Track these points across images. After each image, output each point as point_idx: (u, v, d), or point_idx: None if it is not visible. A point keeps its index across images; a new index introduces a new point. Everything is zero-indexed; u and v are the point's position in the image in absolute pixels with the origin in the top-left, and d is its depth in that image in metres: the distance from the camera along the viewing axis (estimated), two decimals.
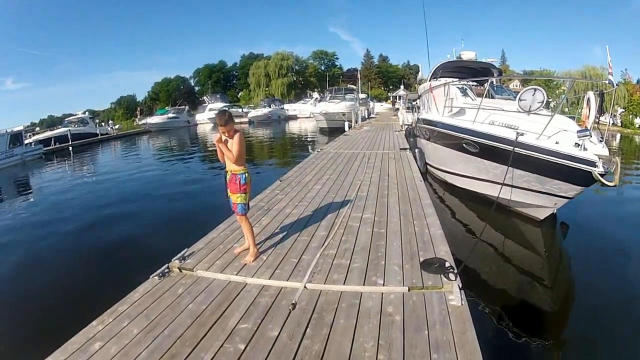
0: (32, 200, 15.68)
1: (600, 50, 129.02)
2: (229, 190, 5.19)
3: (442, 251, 5.17)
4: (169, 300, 4.22)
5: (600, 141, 8.08)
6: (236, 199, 5.13)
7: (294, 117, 67.01)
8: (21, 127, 31.45)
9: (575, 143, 7.64)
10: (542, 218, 9.27)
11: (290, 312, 3.87)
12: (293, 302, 4.04)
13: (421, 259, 4.93)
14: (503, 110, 10.01)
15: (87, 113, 55.65)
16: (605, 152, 7.55)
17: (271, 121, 59.90)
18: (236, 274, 4.75)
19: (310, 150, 17.33)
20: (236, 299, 4.21)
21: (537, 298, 6.50)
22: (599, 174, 7.05)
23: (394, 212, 6.99)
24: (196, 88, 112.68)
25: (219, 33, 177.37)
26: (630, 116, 46.65)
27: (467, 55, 16.00)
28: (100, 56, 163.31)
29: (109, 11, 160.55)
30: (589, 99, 8.75)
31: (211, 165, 21.49)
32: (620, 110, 47.56)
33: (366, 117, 43.86)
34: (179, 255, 5.26)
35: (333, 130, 31.65)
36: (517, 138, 8.12)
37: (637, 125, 44.76)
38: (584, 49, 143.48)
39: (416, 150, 15.29)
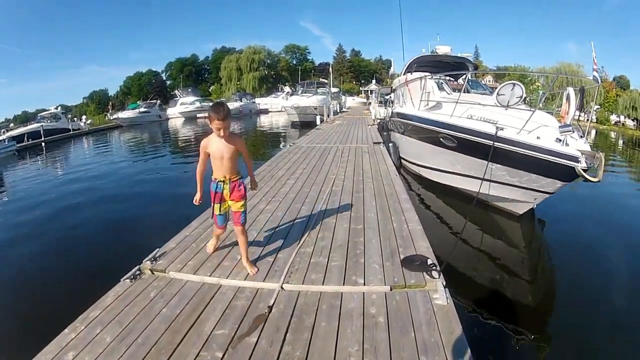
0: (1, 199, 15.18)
1: (575, 47, 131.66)
2: (229, 199, 4.66)
3: (423, 247, 5.01)
4: (142, 304, 3.96)
5: (581, 137, 8.02)
6: (240, 207, 4.67)
7: (266, 111, 66.61)
8: None
9: (557, 138, 7.56)
10: (521, 213, 9.24)
11: (268, 316, 3.65)
12: (270, 304, 3.83)
13: (402, 256, 4.75)
14: (480, 104, 9.90)
15: (59, 108, 54.36)
16: (587, 147, 7.47)
17: (242, 115, 59.15)
18: (210, 275, 4.48)
19: (283, 145, 17.10)
20: (211, 302, 3.97)
21: (520, 293, 6.46)
22: (582, 169, 6.99)
23: (371, 207, 6.81)
24: (168, 82, 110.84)
25: (191, 27, 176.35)
26: (606, 113, 47.62)
27: (443, 49, 15.93)
28: (72, 51, 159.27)
29: (80, 5, 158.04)
30: (568, 95, 8.72)
31: (181, 160, 21.19)
32: (595, 107, 48.52)
33: (338, 111, 43.73)
34: (150, 256, 4.95)
35: (305, 124, 31.55)
36: (497, 132, 8.03)
37: (612, 122, 45.79)
38: (558, 45, 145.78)
39: (390, 145, 15.19)
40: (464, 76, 15.59)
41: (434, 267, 4.32)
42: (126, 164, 21.14)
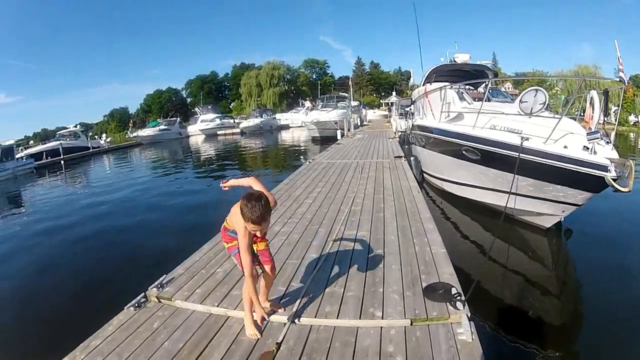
0: (12, 220, 15.06)
1: (590, 48, 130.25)
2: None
3: (447, 274, 4.63)
4: (144, 335, 3.74)
5: (608, 143, 7.55)
6: (266, 244, 3.98)
7: (286, 127, 66.65)
8: (12, 141, 31.93)
9: (584, 146, 7.11)
10: (548, 226, 8.74)
11: (275, 353, 3.35)
12: (279, 340, 3.51)
13: (424, 285, 4.38)
14: (503, 113, 9.46)
15: (78, 126, 55.03)
16: (614, 155, 7.00)
17: (263, 131, 59.47)
18: (217, 305, 4.21)
19: (303, 161, 16.82)
20: (216, 335, 3.70)
21: (548, 317, 5.94)
22: (611, 179, 6.53)
23: (391, 229, 6.44)
24: (188, 99, 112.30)
25: (210, 44, 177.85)
26: (625, 114, 46.55)
27: (462, 57, 15.46)
28: (92, 68, 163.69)
29: (101, 23, 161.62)
30: (592, 98, 8.28)
31: (201, 179, 21.02)
32: (614, 108, 47.63)
33: (359, 124, 43.42)
34: (157, 283, 4.74)
35: (325, 139, 31.29)
36: (522, 143, 7.59)
37: (631, 123, 44.80)
38: (573, 47, 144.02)
39: (411, 158, 14.71)
40: (483, 85, 15.22)
41: (459, 297, 3.96)
42: (144, 183, 21.03)
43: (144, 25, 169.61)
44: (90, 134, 57.87)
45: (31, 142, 52.42)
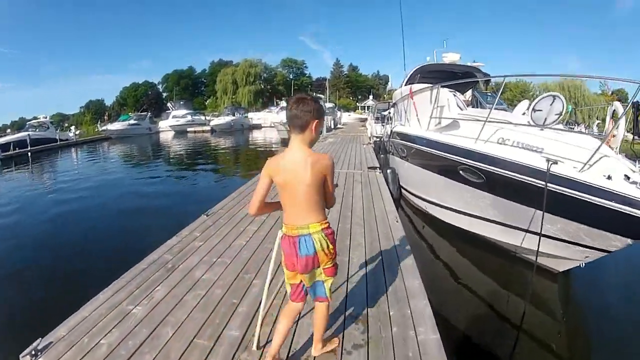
0: None
1: (578, 60, 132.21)
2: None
3: None
4: None
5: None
6: None
7: (258, 126, 65.11)
8: None
9: (625, 175, 5.13)
10: (560, 270, 6.82)
11: None
12: None
13: None
14: (512, 123, 7.35)
15: (47, 117, 52.81)
16: None
17: (234, 130, 57.63)
18: None
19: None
20: None
21: None
22: None
23: (358, 290, 4.37)
24: (164, 94, 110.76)
25: (190, 38, 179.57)
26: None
27: (451, 57, 13.39)
28: (72, 58, 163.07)
29: (83, 13, 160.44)
30: (614, 111, 6.76)
31: (154, 192, 17.98)
32: (597, 121, 47.09)
33: (332, 127, 41.82)
34: (30, 348, 3.27)
35: None
36: (549, 168, 5.46)
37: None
38: (559, 60, 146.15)
39: (388, 171, 12.60)
40: (471, 89, 13.72)
41: None
42: (95, 187, 18.15)
43: (126, 16, 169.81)
44: (66, 124, 56.22)
45: (8, 130, 51.21)
